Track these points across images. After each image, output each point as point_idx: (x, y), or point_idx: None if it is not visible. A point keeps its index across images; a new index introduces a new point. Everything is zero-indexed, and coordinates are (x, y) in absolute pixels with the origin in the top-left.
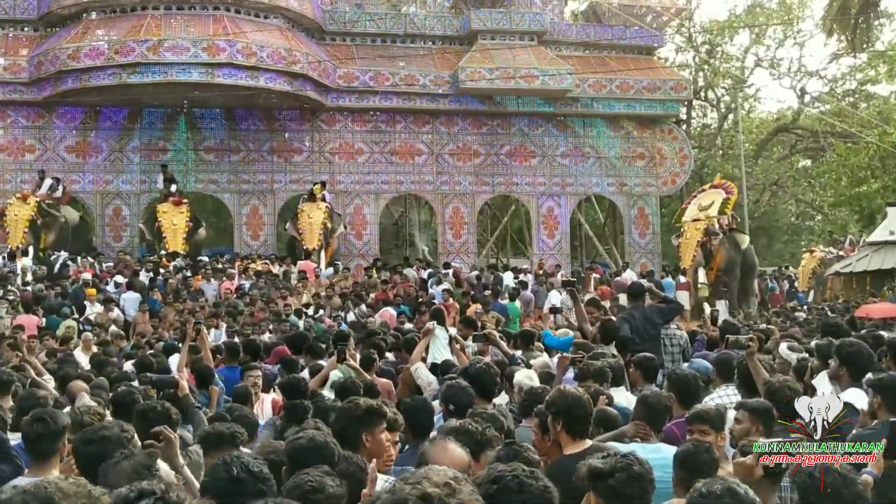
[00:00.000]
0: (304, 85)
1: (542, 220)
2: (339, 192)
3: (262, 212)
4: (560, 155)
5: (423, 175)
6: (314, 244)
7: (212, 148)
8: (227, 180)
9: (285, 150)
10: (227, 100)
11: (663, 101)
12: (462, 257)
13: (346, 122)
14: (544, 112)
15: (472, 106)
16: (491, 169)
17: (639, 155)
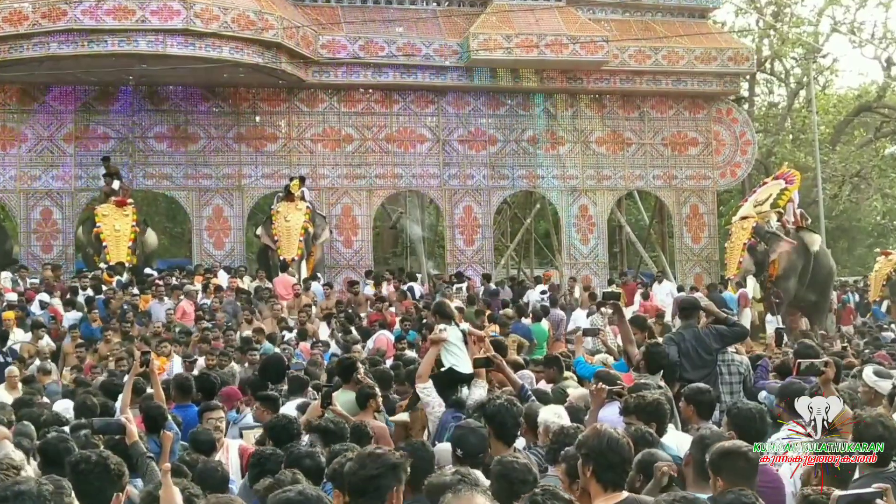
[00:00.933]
0: (279, 56)
1: (574, 221)
2: (323, 189)
3: (228, 213)
4: (595, 141)
5: (427, 167)
6: (293, 253)
7: (164, 135)
8: (184, 175)
9: (256, 138)
10: (182, 75)
11: (720, 75)
12: (476, 267)
13: (330, 103)
14: (575, 88)
15: (486, 81)
16: (510, 159)
17: (691, 141)
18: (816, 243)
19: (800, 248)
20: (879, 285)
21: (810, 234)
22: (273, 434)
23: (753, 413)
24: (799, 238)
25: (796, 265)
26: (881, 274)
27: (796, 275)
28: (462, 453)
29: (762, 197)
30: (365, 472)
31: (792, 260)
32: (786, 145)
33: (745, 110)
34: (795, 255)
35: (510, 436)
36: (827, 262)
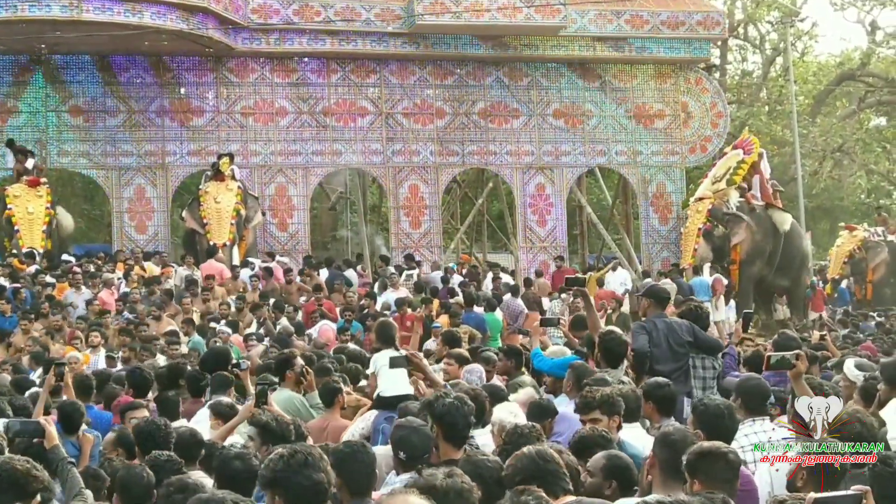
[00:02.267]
0: (206, 22)
1: (530, 201)
2: (255, 167)
3: (151, 194)
4: (552, 114)
5: (369, 143)
6: (224, 238)
7: (80, 109)
8: (102, 152)
9: (181, 111)
10: (100, 43)
11: (689, 41)
12: (423, 252)
13: (262, 73)
14: (530, 56)
15: (433, 49)
16: (460, 134)
17: (657, 113)
18: (787, 223)
19: (767, 228)
20: (840, 262)
21: (780, 214)
22: (138, 441)
23: (721, 410)
24: (767, 217)
25: (763, 248)
26: (843, 250)
27: (763, 259)
28: (405, 456)
29: (720, 172)
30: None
31: (757, 242)
32: (761, 117)
33: (716, 79)
34: (762, 236)
35: (461, 437)
36: (800, 244)
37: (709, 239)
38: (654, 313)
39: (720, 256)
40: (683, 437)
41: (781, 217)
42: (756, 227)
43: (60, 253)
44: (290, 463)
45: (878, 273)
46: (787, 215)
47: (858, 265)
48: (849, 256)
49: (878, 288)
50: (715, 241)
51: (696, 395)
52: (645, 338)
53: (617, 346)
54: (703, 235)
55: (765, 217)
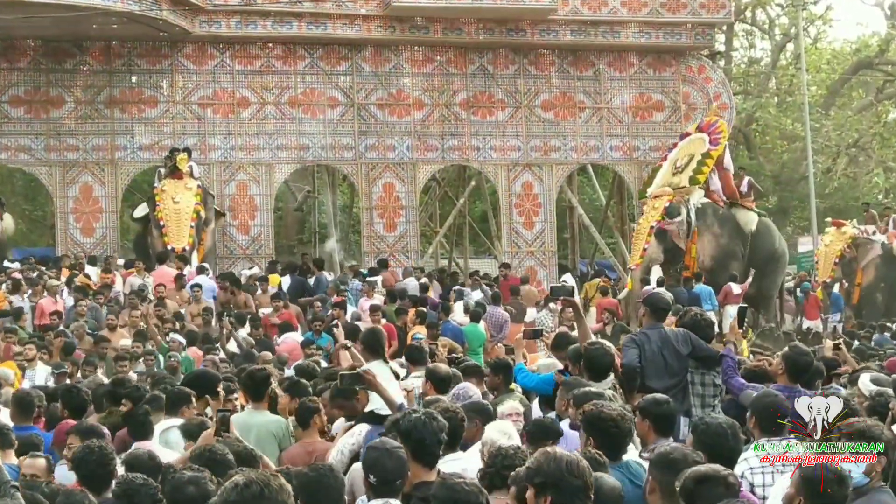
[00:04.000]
0: (159, 3)
1: (517, 201)
2: (214, 164)
3: (98, 193)
4: (541, 105)
5: (340, 137)
6: (183, 242)
7: (21, 99)
8: (45, 147)
9: (132, 101)
10: (42, 26)
11: (691, 25)
12: (398, 257)
13: (222, 60)
14: (517, 42)
15: (410, 33)
16: (440, 127)
17: (656, 105)
18: (752, 222)
19: (731, 228)
20: (830, 264)
21: (745, 213)
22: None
23: (724, 429)
24: (730, 217)
25: (733, 249)
26: (832, 250)
27: (738, 260)
28: (376, 480)
29: (682, 160)
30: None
31: (723, 245)
32: (770, 109)
33: (720, 68)
34: (727, 237)
35: (430, 455)
36: (770, 245)
37: (661, 239)
38: (650, 324)
39: (672, 260)
40: (685, 458)
41: (746, 216)
42: (720, 230)
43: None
44: (244, 495)
45: (868, 275)
46: (751, 214)
47: (849, 266)
48: (839, 257)
49: (868, 293)
50: (667, 242)
51: (696, 414)
52: (635, 352)
53: (600, 359)
54: (656, 235)
55: (729, 217)
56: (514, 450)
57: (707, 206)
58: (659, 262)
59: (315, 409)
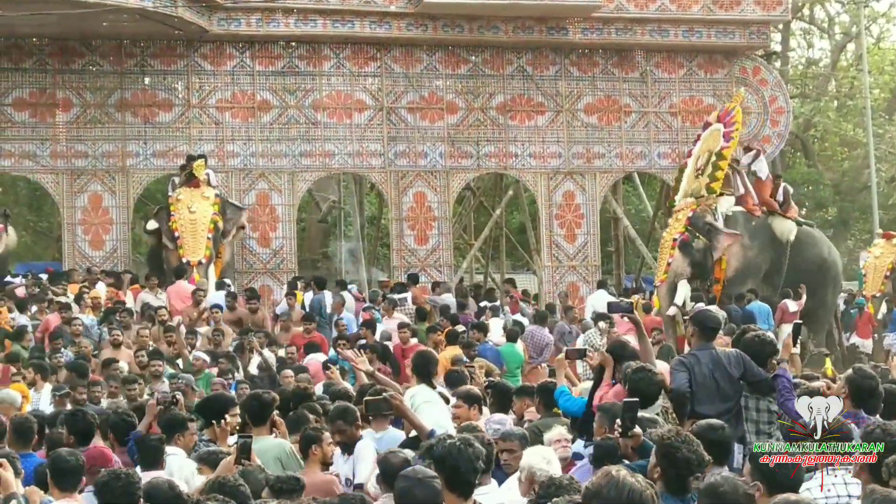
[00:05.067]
0: (175, 0)
1: (557, 212)
2: (233, 171)
3: (109, 203)
4: (584, 109)
5: (368, 143)
6: (200, 255)
7: (25, 102)
8: (51, 153)
9: (145, 105)
10: (48, 24)
11: (745, 24)
12: (429, 272)
13: (241, 60)
14: (558, 41)
15: (443, 32)
16: (475, 132)
17: (707, 109)
18: (791, 231)
19: (765, 240)
20: (880, 277)
21: (782, 221)
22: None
23: None
24: (765, 227)
25: (756, 265)
26: (882, 263)
27: (758, 276)
28: None
29: (702, 158)
30: None
31: (749, 258)
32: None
33: (776, 69)
34: (756, 251)
35: (466, 484)
36: (816, 255)
37: (686, 252)
38: (699, 344)
39: (701, 274)
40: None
41: (783, 225)
42: (750, 242)
43: (1, 272)
44: None
45: None
46: (789, 223)
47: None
48: (890, 270)
49: None
50: (694, 255)
51: (750, 441)
52: (685, 375)
53: (647, 387)
54: (680, 247)
55: (763, 227)
56: (567, 480)
57: (738, 215)
58: (685, 276)
59: (315, 438)
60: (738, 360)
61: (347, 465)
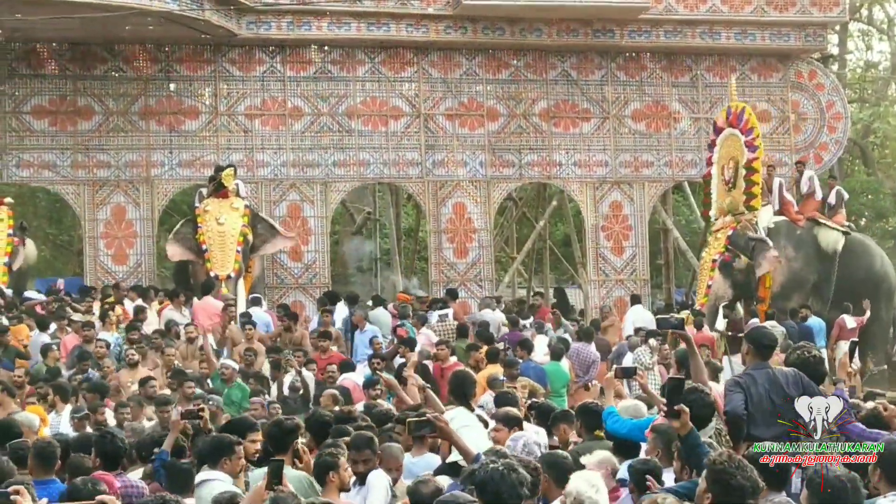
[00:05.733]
0: (201, 1)
1: (604, 223)
2: (263, 182)
3: (133, 215)
4: (632, 115)
5: (404, 151)
6: (228, 269)
7: (45, 110)
8: (72, 163)
9: (170, 112)
10: (70, 28)
11: (800, 26)
12: (470, 287)
13: (272, 65)
14: (604, 44)
15: (483, 36)
16: (517, 140)
17: (761, 115)
18: (838, 242)
19: (810, 253)
20: None
21: (828, 231)
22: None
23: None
24: (811, 238)
25: (803, 278)
26: None
27: (805, 289)
28: None
29: (728, 169)
30: None
31: (794, 271)
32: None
33: (833, 72)
34: (802, 262)
35: None
36: (863, 266)
37: (726, 273)
38: (755, 363)
39: (745, 294)
40: None
41: (829, 235)
42: (794, 253)
43: (18, 288)
44: None
45: None
46: (835, 233)
47: None
48: None
49: None
50: (735, 276)
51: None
52: (740, 397)
53: (700, 408)
54: (720, 268)
55: (807, 238)
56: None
57: (781, 225)
58: (727, 299)
59: (332, 464)
60: (796, 380)
61: (360, 495)
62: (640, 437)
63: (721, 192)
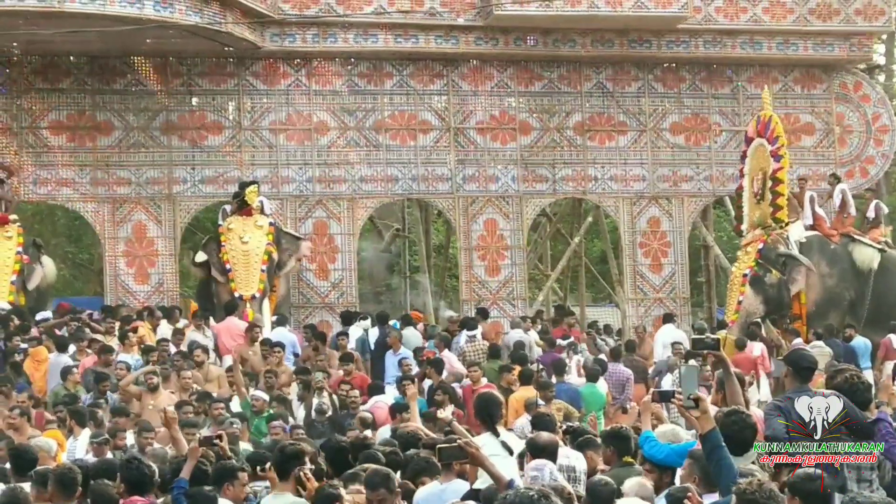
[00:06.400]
0: (224, 14)
1: (641, 240)
2: (288, 198)
3: (154, 233)
4: (670, 128)
5: (434, 167)
6: (253, 289)
7: (63, 125)
8: (91, 180)
9: (192, 127)
10: (88, 41)
11: (845, 36)
12: (502, 306)
13: (297, 78)
14: (641, 55)
15: (515, 47)
16: (550, 154)
17: (804, 128)
18: (874, 259)
19: (846, 269)
20: None
21: (862, 248)
22: None
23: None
24: (845, 254)
25: (839, 295)
26: None
27: (842, 306)
28: None
29: (758, 181)
30: None
31: (829, 288)
32: None
33: (880, 84)
34: (837, 278)
35: None
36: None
37: (758, 288)
38: (795, 387)
39: (777, 310)
40: None
41: (863, 253)
42: (829, 269)
43: (37, 308)
44: None
45: None
46: (870, 250)
47: None
48: None
49: None
50: (767, 291)
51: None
52: (781, 421)
53: (741, 432)
54: (751, 283)
55: (842, 254)
56: None
57: (813, 240)
58: (758, 315)
59: (335, 496)
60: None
61: None
62: (677, 463)
63: (751, 204)
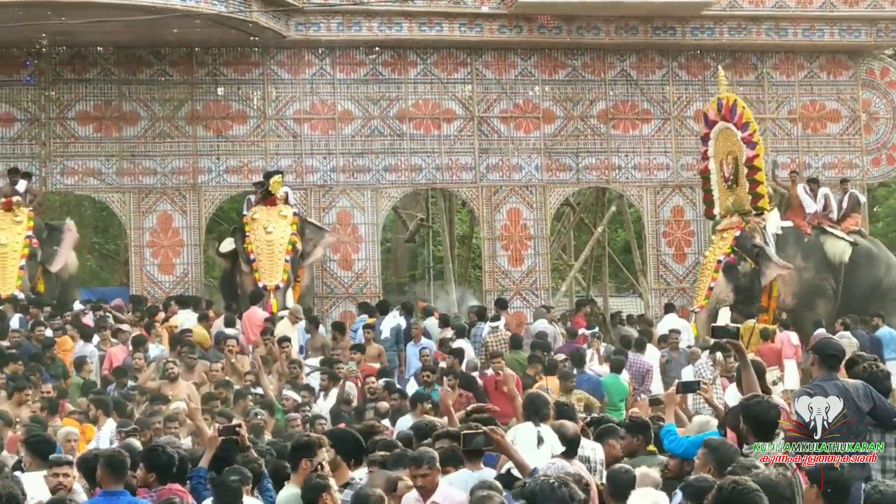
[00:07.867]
0: (249, 3)
1: (665, 229)
2: (312, 188)
3: (179, 223)
4: (694, 116)
5: (458, 156)
6: (277, 279)
7: (89, 115)
8: (117, 170)
9: (217, 117)
10: (114, 32)
11: (871, 21)
12: (525, 296)
13: (321, 67)
14: (665, 43)
15: (539, 35)
16: (574, 142)
17: (830, 115)
18: (845, 252)
19: (818, 258)
20: None
21: (834, 241)
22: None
23: None
24: (817, 246)
25: (820, 285)
26: None
27: (826, 296)
28: None
29: (727, 166)
30: None
31: (807, 280)
32: None
33: None
34: (813, 270)
35: None
36: (873, 277)
37: (730, 276)
38: (822, 375)
39: (747, 300)
40: None
41: (835, 246)
42: (804, 262)
43: (62, 298)
44: None
45: None
46: (841, 243)
47: None
48: None
49: None
50: (739, 280)
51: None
52: None
53: (765, 414)
54: (724, 271)
55: (815, 246)
56: None
57: (788, 233)
58: (728, 303)
59: (323, 486)
60: (866, 394)
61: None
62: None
63: (722, 189)
